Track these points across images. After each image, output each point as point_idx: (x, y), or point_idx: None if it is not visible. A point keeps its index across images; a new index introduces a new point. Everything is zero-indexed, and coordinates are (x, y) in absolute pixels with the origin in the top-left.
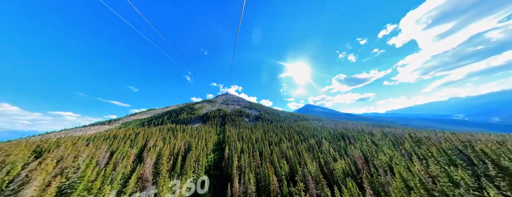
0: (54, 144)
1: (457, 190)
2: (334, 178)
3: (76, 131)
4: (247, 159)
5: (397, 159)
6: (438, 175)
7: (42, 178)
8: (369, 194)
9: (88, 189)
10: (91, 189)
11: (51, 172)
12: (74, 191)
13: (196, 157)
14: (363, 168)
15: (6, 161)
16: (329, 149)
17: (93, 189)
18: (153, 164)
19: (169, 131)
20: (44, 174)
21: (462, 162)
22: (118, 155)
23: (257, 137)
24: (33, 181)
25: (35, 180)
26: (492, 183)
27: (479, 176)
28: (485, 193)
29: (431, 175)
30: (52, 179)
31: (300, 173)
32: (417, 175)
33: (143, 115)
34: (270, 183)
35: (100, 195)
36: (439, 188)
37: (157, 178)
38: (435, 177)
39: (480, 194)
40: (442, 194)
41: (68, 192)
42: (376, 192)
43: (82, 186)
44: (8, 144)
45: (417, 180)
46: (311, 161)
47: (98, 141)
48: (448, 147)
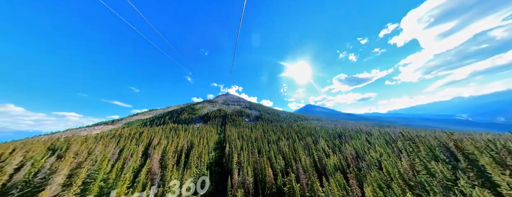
0: (66, 142)
1: (433, 181)
2: (326, 172)
3: (81, 131)
4: (246, 155)
5: (386, 155)
6: (420, 169)
7: (68, 169)
8: (353, 184)
9: (105, 180)
10: (108, 179)
11: (71, 165)
12: (93, 181)
13: (199, 154)
14: (352, 163)
15: (26, 157)
16: (324, 146)
17: (110, 179)
18: (159, 160)
19: (171, 130)
20: (67, 165)
21: (446, 157)
22: (126, 151)
23: (257, 136)
24: (60, 171)
25: (62, 170)
26: (464, 174)
27: (458, 169)
28: (458, 183)
29: (417, 169)
30: (71, 171)
31: (295, 167)
32: (398, 168)
33: (145, 115)
34: (266, 176)
35: (120, 182)
36: (417, 179)
37: (164, 171)
38: (419, 170)
39: (452, 184)
40: (418, 183)
41: (88, 181)
42: (360, 182)
43: (100, 177)
44: (21, 142)
45: (396, 171)
46: (305, 157)
47: (106, 139)
48: (436, 144)
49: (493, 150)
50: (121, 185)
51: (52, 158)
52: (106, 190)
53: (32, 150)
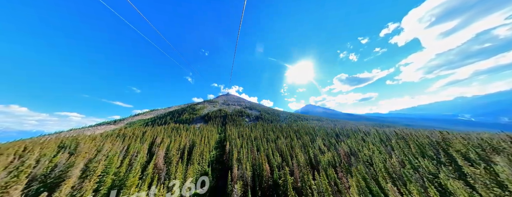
0: (73, 140)
1: (415, 174)
2: (320, 167)
3: (85, 131)
4: (246, 153)
5: (377, 152)
6: (406, 164)
7: (83, 163)
8: (342, 177)
9: (116, 173)
10: (119, 172)
11: (85, 159)
12: (106, 174)
13: (200, 151)
14: (344, 159)
15: (41, 153)
16: (321, 145)
17: (121, 172)
18: (164, 157)
19: (173, 130)
20: (82, 160)
21: (433, 154)
22: (132, 149)
23: (256, 135)
24: (77, 165)
25: (78, 164)
26: (445, 167)
27: (441, 164)
28: (439, 176)
29: (403, 164)
30: (85, 166)
31: (290, 163)
32: (385, 163)
33: (146, 115)
34: (264, 170)
35: (132, 174)
36: (400, 172)
37: (169, 166)
38: (405, 165)
39: (433, 177)
40: (400, 176)
41: (102, 174)
42: (350, 175)
43: (112, 171)
44: (30, 141)
45: (382, 166)
46: (301, 154)
47: (111, 138)
48: (426, 142)
49: (479, 147)
50: (132, 176)
51: (65, 154)
52: (117, 182)
53: (45, 147)
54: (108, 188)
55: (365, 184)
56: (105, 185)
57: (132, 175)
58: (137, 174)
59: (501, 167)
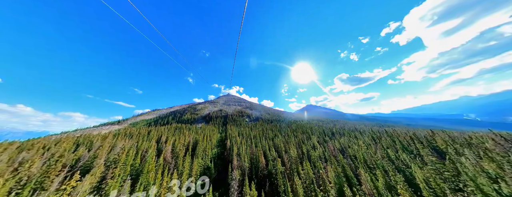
0: (86, 138)
1: (391, 164)
2: (310, 160)
3: (90, 131)
4: (245, 149)
5: (365, 147)
6: (384, 156)
7: (106, 155)
8: (326, 166)
9: (132, 164)
10: (135, 163)
11: (105, 152)
12: (125, 164)
13: (204, 148)
14: (332, 154)
15: (64, 148)
16: (315, 142)
17: (136, 163)
18: (171, 151)
19: (176, 129)
20: (105, 153)
21: (415, 149)
22: (142, 145)
23: (255, 134)
24: (101, 157)
25: (101, 157)
26: (417, 159)
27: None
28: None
29: (390, 159)
30: (106, 158)
31: (284, 157)
32: (365, 156)
33: (149, 115)
34: (260, 162)
35: (147, 164)
36: (376, 163)
37: (177, 159)
38: (384, 157)
39: (406, 167)
40: (376, 165)
41: (122, 165)
42: (334, 166)
43: (130, 162)
44: (43, 139)
45: (362, 157)
46: (295, 149)
47: (120, 136)
48: (410, 139)
49: (460, 144)
50: (148, 164)
51: (83, 149)
52: (134, 172)
53: (64, 143)
54: (128, 174)
55: (342, 170)
56: (126, 172)
57: (148, 164)
58: (153, 162)
59: (464, 159)
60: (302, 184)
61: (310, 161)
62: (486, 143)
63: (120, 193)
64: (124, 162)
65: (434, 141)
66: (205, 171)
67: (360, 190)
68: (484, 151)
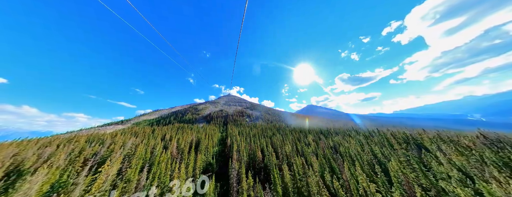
0: (95, 136)
1: (374, 158)
2: (304, 156)
3: (95, 130)
4: (244, 146)
5: (354, 145)
6: (372, 152)
7: (121, 149)
8: (315, 159)
9: (143, 158)
10: (146, 157)
11: (119, 147)
12: (138, 157)
13: (206, 145)
14: (322, 150)
15: (79, 145)
16: (310, 140)
17: (147, 157)
18: (176, 147)
19: (179, 129)
20: (120, 148)
21: (401, 147)
22: (149, 142)
23: (255, 133)
24: (117, 151)
25: (117, 151)
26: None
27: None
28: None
29: (373, 154)
30: (121, 153)
31: (279, 152)
32: (348, 151)
33: (151, 115)
34: (257, 157)
35: (157, 157)
36: (360, 157)
37: (182, 154)
38: (368, 152)
39: (387, 160)
40: (358, 159)
41: (135, 158)
42: (320, 158)
43: (142, 156)
44: (55, 138)
45: (347, 153)
46: (290, 146)
47: (128, 135)
48: (400, 137)
49: (443, 141)
50: (158, 157)
51: (97, 145)
52: (146, 163)
53: (78, 141)
54: (141, 166)
55: (327, 162)
56: (139, 164)
57: (158, 157)
58: (165, 155)
59: (439, 153)
60: (289, 172)
61: (303, 156)
62: (466, 140)
63: (139, 180)
64: (138, 155)
65: (421, 139)
66: (207, 166)
67: (341, 178)
68: (456, 147)
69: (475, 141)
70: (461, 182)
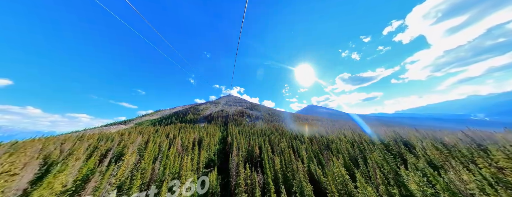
0: (104, 135)
1: (359, 153)
2: (297, 151)
3: (99, 130)
4: (243, 143)
5: (344, 142)
6: (358, 147)
7: (135, 145)
8: (305, 154)
9: (154, 153)
10: (155, 152)
11: (130, 142)
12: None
13: (208, 143)
14: (314, 147)
15: (92, 142)
16: (305, 138)
17: (155, 152)
18: (180, 145)
19: (181, 128)
20: (133, 143)
21: (390, 144)
22: (156, 139)
23: (254, 132)
24: (129, 145)
25: (130, 147)
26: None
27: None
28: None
29: (359, 149)
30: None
31: (275, 148)
32: (337, 147)
33: (153, 115)
34: (254, 152)
35: (165, 149)
36: (346, 152)
37: (186, 151)
38: (360, 149)
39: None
40: (344, 153)
41: (147, 153)
42: (309, 152)
43: (151, 150)
44: (67, 137)
45: (336, 149)
46: (286, 143)
47: (135, 133)
48: (390, 135)
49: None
50: (165, 151)
51: (108, 143)
52: (157, 157)
53: (92, 138)
54: (153, 159)
55: (315, 156)
56: (151, 156)
57: (165, 151)
58: (173, 149)
59: (417, 149)
60: (280, 162)
61: (297, 151)
62: (447, 138)
63: (153, 169)
64: (149, 149)
65: (408, 137)
66: (209, 162)
67: (326, 167)
68: (432, 143)
69: (456, 139)
70: (421, 170)
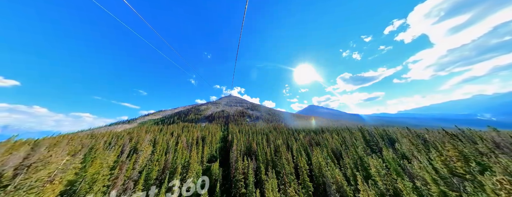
0: (113, 133)
1: (353, 151)
2: (291, 147)
3: (105, 129)
4: (243, 140)
5: (335, 140)
6: (345, 143)
7: (148, 141)
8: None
9: (164, 147)
10: (165, 147)
11: (142, 139)
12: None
13: (210, 141)
14: (306, 144)
15: (107, 138)
16: (300, 136)
17: (164, 147)
18: (185, 142)
19: (183, 127)
20: (143, 141)
21: (380, 142)
22: (163, 137)
23: (254, 131)
24: (142, 143)
25: (142, 142)
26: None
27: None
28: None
29: (346, 145)
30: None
31: (271, 145)
32: (326, 143)
33: (156, 115)
34: (252, 147)
35: (173, 146)
36: (338, 149)
37: (192, 147)
38: (347, 145)
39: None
40: (336, 151)
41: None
42: (298, 146)
43: (161, 145)
44: (81, 135)
45: (326, 145)
46: (281, 140)
47: (143, 132)
48: (378, 133)
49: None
50: (173, 146)
51: (120, 139)
52: (167, 150)
53: (105, 136)
54: (164, 152)
55: (304, 150)
56: (163, 150)
57: (173, 146)
58: (180, 144)
59: (398, 145)
60: (273, 153)
61: (290, 146)
62: (427, 135)
63: (166, 159)
64: (160, 144)
65: (395, 135)
66: (212, 157)
67: (311, 159)
68: (409, 139)
69: (436, 136)
70: (384, 159)
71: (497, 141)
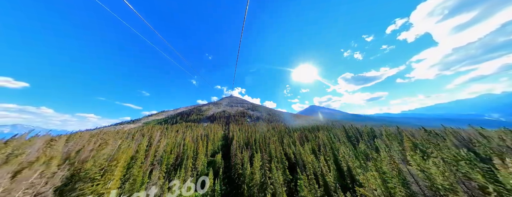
0: (122, 132)
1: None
2: (282, 142)
3: (110, 128)
4: (243, 138)
5: (323, 136)
6: (339, 141)
7: (160, 137)
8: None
9: (173, 142)
10: (171, 146)
11: (153, 136)
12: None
13: (212, 138)
14: (296, 138)
15: (121, 135)
16: (295, 135)
17: (173, 143)
18: (190, 138)
19: (187, 127)
20: (156, 136)
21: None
22: (170, 135)
23: (253, 130)
24: (155, 137)
25: (154, 138)
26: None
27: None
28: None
29: (340, 142)
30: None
31: (268, 142)
32: (313, 140)
33: (159, 116)
34: (250, 143)
35: (180, 140)
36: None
37: (198, 144)
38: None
39: (354, 147)
40: (333, 149)
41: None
42: (289, 141)
43: (171, 140)
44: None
45: (313, 140)
46: (277, 138)
47: (151, 130)
48: (365, 130)
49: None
50: (181, 141)
51: (131, 136)
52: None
53: (118, 133)
54: (171, 148)
55: (293, 143)
56: (173, 144)
57: (181, 141)
58: (188, 140)
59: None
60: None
61: (283, 141)
62: (413, 134)
63: (177, 151)
64: (170, 139)
65: (386, 133)
66: (215, 153)
67: (296, 150)
68: (390, 136)
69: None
70: (365, 153)
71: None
